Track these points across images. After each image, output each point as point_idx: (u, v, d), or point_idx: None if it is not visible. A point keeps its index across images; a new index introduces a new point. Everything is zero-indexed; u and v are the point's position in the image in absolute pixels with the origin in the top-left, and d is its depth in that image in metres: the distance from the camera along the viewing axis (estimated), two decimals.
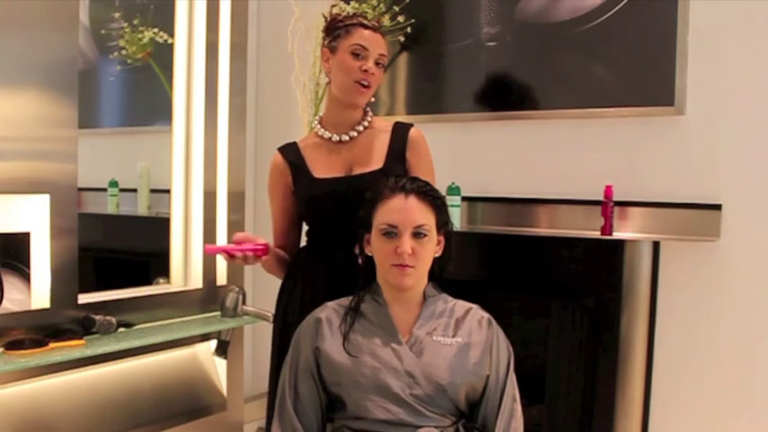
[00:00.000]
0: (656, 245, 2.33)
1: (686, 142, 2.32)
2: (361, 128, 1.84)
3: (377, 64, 1.78)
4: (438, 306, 1.61)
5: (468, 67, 2.68)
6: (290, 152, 1.88)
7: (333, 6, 1.92)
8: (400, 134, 1.84)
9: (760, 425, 2.24)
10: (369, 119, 1.86)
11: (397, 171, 1.75)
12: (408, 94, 2.85)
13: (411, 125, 1.86)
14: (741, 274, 2.25)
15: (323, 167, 1.83)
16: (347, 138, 1.83)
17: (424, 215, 1.55)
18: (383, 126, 1.87)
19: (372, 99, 1.85)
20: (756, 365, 2.24)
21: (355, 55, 1.77)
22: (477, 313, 1.62)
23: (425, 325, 1.57)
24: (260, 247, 1.74)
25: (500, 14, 2.60)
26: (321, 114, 1.90)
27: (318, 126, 1.87)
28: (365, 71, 1.76)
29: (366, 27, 1.79)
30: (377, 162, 1.80)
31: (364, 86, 1.77)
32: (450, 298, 1.65)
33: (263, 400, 1.92)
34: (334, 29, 1.81)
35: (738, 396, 2.26)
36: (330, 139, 1.84)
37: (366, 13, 1.85)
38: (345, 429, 1.53)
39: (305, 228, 1.92)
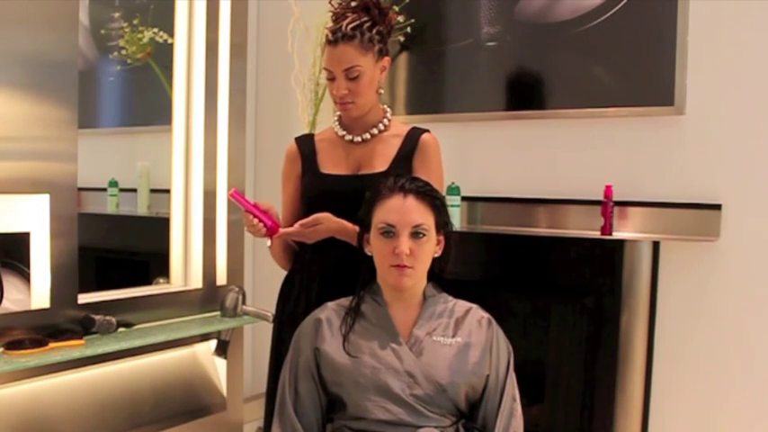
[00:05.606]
0: (655, 245, 2.33)
1: (686, 142, 2.32)
2: (376, 131, 1.82)
3: (350, 78, 1.72)
4: (438, 306, 1.61)
5: (468, 67, 2.68)
6: (305, 143, 1.88)
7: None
8: (412, 139, 1.81)
9: (759, 423, 2.24)
10: (386, 121, 1.83)
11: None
12: (408, 94, 2.85)
13: (426, 131, 1.83)
14: (741, 273, 2.25)
15: (331, 164, 1.83)
16: (359, 139, 1.82)
17: (422, 215, 1.54)
18: (400, 129, 1.84)
19: (381, 91, 1.82)
20: (756, 364, 2.24)
21: (329, 79, 1.76)
22: (477, 313, 1.62)
23: (425, 325, 1.57)
24: (275, 225, 1.75)
25: (500, 14, 2.60)
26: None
27: (336, 123, 1.86)
28: (336, 94, 1.74)
29: (329, 42, 1.73)
30: (383, 164, 1.78)
31: (346, 102, 1.75)
32: (450, 298, 1.65)
33: (262, 400, 1.92)
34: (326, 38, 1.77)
35: (738, 395, 2.26)
36: (344, 137, 1.83)
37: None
38: (345, 430, 1.53)
39: None
